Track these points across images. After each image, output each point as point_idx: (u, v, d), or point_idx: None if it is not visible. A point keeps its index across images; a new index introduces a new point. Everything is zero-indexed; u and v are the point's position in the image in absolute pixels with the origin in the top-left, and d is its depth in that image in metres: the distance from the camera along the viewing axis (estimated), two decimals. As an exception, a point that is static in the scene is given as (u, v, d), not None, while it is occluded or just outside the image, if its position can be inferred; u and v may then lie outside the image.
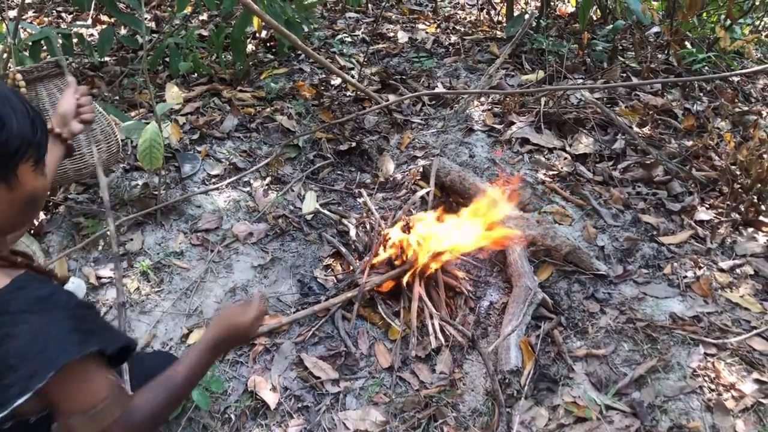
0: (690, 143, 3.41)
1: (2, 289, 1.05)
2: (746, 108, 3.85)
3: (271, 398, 2.25)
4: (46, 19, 5.10)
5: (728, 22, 4.16)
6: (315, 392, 2.31)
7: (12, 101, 1.06)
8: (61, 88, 2.67)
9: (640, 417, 2.12)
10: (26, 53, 3.40)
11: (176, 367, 1.28)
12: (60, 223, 2.81)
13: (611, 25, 4.66)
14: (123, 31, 4.53)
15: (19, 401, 0.98)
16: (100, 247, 2.72)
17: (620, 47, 4.57)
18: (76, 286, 2.52)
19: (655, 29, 4.89)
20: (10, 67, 2.59)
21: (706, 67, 4.17)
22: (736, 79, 4.29)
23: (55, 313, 1.06)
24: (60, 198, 2.92)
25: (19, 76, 2.55)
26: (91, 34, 4.62)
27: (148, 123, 2.65)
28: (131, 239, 2.75)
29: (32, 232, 2.71)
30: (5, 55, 2.68)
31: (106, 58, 4.21)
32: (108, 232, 2.31)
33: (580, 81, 4.01)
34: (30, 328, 1.02)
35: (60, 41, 3.53)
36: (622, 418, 2.14)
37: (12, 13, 4.56)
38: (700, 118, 3.68)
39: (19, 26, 3.03)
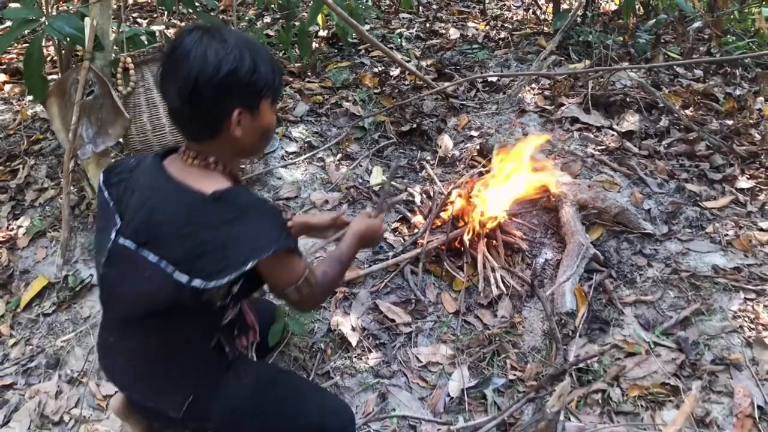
0: (731, 122, 3.63)
1: (230, 187, 1.40)
2: (787, 92, 4.04)
3: (352, 336, 2.56)
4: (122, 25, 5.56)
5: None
6: (390, 332, 2.60)
7: (261, 52, 1.41)
8: (163, 70, 3.04)
9: (685, 351, 2.36)
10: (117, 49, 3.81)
11: (336, 251, 1.71)
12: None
13: (654, 20, 4.89)
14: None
15: (246, 267, 1.34)
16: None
17: (663, 40, 4.79)
18: None
19: (697, 24, 5.09)
20: (120, 54, 2.97)
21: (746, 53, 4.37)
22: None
23: (269, 212, 1.43)
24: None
25: (129, 59, 2.93)
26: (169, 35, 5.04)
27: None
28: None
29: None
30: (115, 47, 3.06)
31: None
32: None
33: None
34: (255, 218, 1.38)
35: (145, 39, 3.95)
36: (668, 353, 2.37)
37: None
38: (740, 101, 3.88)
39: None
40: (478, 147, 3.47)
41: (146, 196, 1.41)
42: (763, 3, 4.36)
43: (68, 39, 2.88)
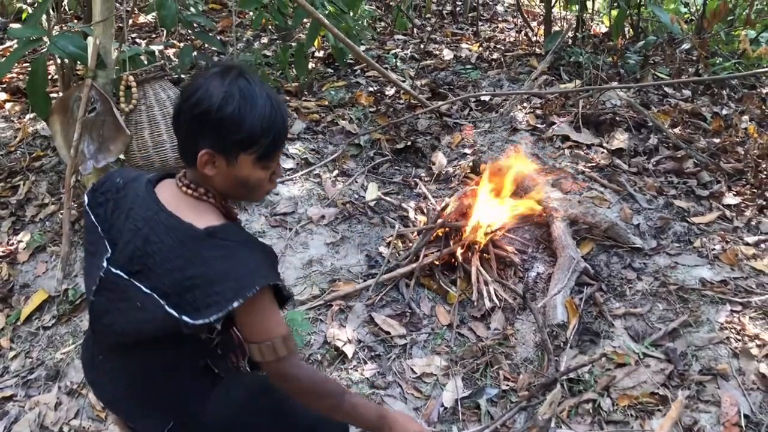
0: (718, 140, 3.72)
1: (223, 223, 1.39)
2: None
3: (348, 348, 2.61)
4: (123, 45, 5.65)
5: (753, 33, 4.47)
6: (385, 344, 2.66)
7: (257, 107, 1.33)
8: (164, 87, 3.11)
9: (674, 362, 2.41)
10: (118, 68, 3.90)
11: (348, 394, 1.50)
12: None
13: (643, 41, 5.00)
14: (194, 53, 5.02)
15: (231, 307, 1.28)
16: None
17: (652, 61, 4.91)
18: None
19: (685, 46, 5.21)
20: (122, 73, 3.04)
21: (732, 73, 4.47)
22: (765, 90, 4.59)
23: (260, 251, 1.40)
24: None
25: (131, 78, 3.00)
26: (168, 55, 5.12)
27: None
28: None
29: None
30: (117, 66, 3.14)
31: (184, 75, 4.69)
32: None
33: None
34: (244, 256, 1.34)
35: (145, 58, 4.03)
36: (657, 363, 2.43)
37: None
38: (727, 120, 3.98)
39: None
40: (471, 164, 3.55)
41: (139, 226, 1.39)
42: (748, 25, 4.48)
43: (72, 58, 2.95)
